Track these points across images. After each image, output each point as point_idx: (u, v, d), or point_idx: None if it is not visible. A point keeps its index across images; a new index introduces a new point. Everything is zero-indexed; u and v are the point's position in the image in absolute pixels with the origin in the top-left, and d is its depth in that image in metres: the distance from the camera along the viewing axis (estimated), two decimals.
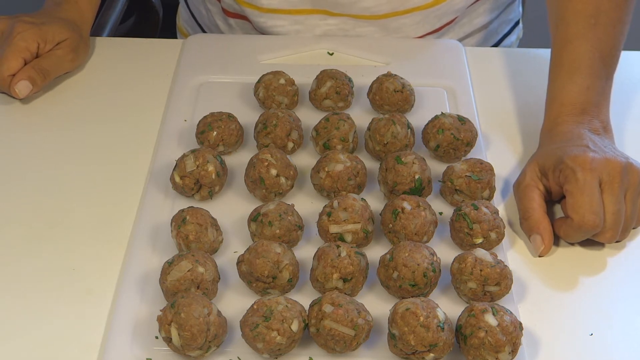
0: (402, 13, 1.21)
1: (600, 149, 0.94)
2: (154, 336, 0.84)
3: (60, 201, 0.99)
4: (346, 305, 0.81)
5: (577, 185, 0.91)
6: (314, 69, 1.12)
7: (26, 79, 1.10)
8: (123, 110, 1.12)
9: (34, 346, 0.84)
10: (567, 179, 0.92)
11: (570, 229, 0.91)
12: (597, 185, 0.91)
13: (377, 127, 1.01)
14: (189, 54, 1.21)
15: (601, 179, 0.91)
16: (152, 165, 1.03)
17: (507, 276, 0.86)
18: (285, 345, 0.80)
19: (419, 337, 0.79)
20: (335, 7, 1.20)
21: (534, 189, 0.94)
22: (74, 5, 1.20)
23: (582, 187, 0.91)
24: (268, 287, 0.86)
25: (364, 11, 1.20)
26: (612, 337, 0.86)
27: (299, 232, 0.92)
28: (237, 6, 1.25)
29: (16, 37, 1.11)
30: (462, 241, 0.92)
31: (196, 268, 0.84)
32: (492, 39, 1.35)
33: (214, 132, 1.01)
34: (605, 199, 0.91)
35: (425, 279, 0.85)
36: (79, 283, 0.90)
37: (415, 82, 1.11)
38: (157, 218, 0.95)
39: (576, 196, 0.91)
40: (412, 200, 0.91)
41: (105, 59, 1.21)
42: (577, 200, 0.90)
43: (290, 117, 1.03)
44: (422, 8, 1.21)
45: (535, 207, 0.93)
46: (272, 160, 0.95)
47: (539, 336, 0.85)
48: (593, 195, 0.90)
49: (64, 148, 1.06)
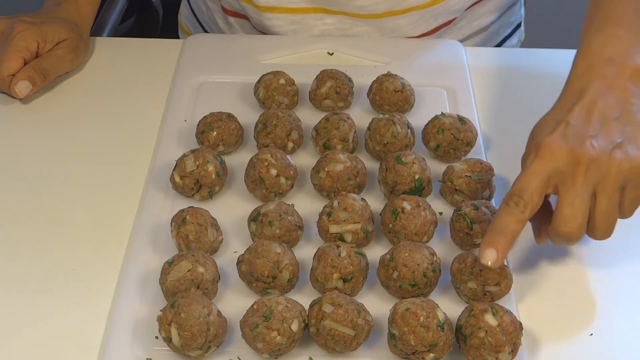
0: (399, 13, 1.21)
1: (579, 130, 0.84)
2: (154, 336, 0.84)
3: (60, 201, 0.99)
4: (346, 305, 0.81)
5: (523, 176, 0.83)
6: (314, 69, 1.12)
7: (26, 79, 1.10)
8: (123, 110, 1.12)
9: (34, 346, 0.84)
10: (523, 162, 0.86)
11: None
12: (544, 181, 0.82)
13: (377, 127, 1.01)
14: (189, 54, 1.21)
15: (559, 171, 0.82)
16: (152, 165, 1.03)
17: (507, 276, 0.86)
18: (285, 345, 0.80)
19: (419, 337, 0.79)
20: (332, 4, 1.20)
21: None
22: (74, 5, 1.20)
23: (525, 181, 0.82)
24: (268, 287, 0.86)
25: (360, 10, 1.20)
26: (612, 337, 0.86)
27: (299, 232, 0.92)
28: (237, 4, 1.25)
29: (16, 37, 1.11)
30: (462, 241, 0.92)
31: (196, 268, 0.84)
32: (493, 41, 1.35)
33: (214, 132, 1.01)
34: (560, 196, 0.83)
35: (425, 279, 0.85)
36: (79, 283, 0.90)
37: (415, 82, 1.11)
38: (157, 218, 0.95)
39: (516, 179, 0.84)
40: (412, 200, 0.91)
41: (105, 59, 1.21)
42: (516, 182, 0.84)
43: (290, 117, 1.03)
44: (418, 8, 1.21)
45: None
46: (272, 160, 0.95)
47: (539, 336, 0.85)
48: (535, 185, 0.82)
49: (64, 148, 1.07)
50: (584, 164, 0.82)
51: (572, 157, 0.82)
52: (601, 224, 0.84)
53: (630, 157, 0.82)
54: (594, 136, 0.83)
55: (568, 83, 0.89)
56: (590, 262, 0.93)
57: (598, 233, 0.84)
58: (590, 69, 0.88)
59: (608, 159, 0.82)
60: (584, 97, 0.86)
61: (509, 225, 0.82)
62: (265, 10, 1.22)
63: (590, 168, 0.82)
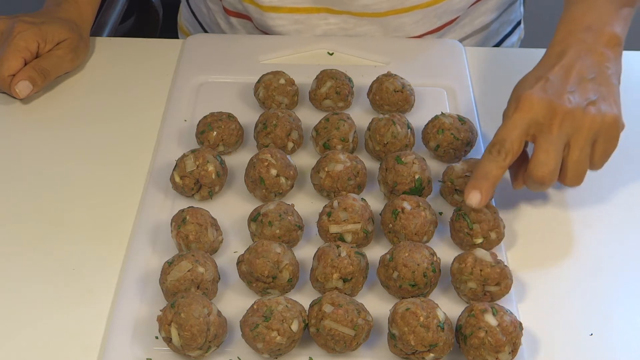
0: (402, 11, 1.21)
1: (557, 86, 0.91)
2: (154, 336, 0.84)
3: (60, 201, 0.99)
4: (346, 305, 0.81)
5: (505, 126, 0.90)
6: (314, 69, 1.12)
7: (26, 79, 1.10)
8: (123, 110, 1.12)
9: (34, 346, 0.84)
10: (504, 114, 0.92)
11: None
12: (524, 130, 0.89)
13: (377, 127, 1.01)
14: (189, 54, 1.21)
15: (537, 121, 0.89)
16: (152, 165, 1.03)
17: (507, 276, 0.86)
18: (285, 345, 0.80)
19: (419, 337, 0.79)
20: (336, 3, 1.20)
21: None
22: (74, 5, 1.20)
23: (507, 130, 0.89)
24: (268, 287, 0.86)
25: (364, 8, 1.20)
26: (612, 337, 0.86)
27: (299, 232, 0.92)
28: (239, 4, 1.25)
29: (16, 37, 1.11)
30: (462, 241, 0.92)
31: (196, 268, 0.84)
32: (493, 39, 1.35)
33: (214, 132, 1.01)
34: (536, 144, 0.89)
35: (425, 279, 0.85)
36: (79, 283, 0.90)
37: (415, 82, 1.11)
38: (157, 218, 0.95)
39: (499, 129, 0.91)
40: (412, 200, 0.91)
41: (105, 59, 1.21)
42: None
43: (290, 117, 1.03)
44: (422, 6, 1.21)
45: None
46: (272, 160, 0.95)
47: (539, 336, 0.85)
48: (515, 135, 0.89)
49: (64, 148, 1.07)
50: (560, 116, 0.89)
51: (550, 109, 0.89)
52: (572, 172, 0.90)
53: (602, 113, 0.90)
54: (571, 92, 0.90)
55: (550, 47, 0.97)
56: (591, 261, 0.93)
57: (568, 179, 0.91)
58: (570, 34, 0.96)
59: (582, 113, 0.89)
60: (563, 59, 0.93)
61: (491, 170, 0.89)
62: (268, 10, 1.22)
63: (566, 120, 0.89)
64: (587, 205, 0.99)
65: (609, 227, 0.97)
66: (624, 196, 1.00)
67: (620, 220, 0.98)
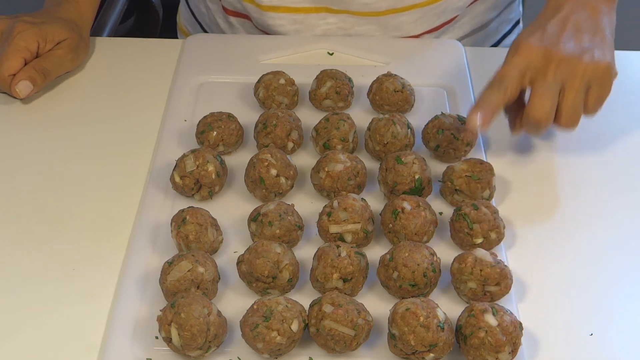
0: (401, 10, 1.22)
1: (554, 35, 0.96)
2: (154, 336, 0.84)
3: (60, 201, 0.99)
4: (346, 305, 0.81)
5: (504, 67, 0.95)
6: (314, 69, 1.12)
7: (27, 79, 1.10)
8: (123, 110, 1.12)
9: (34, 346, 0.84)
10: (505, 59, 0.97)
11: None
12: (521, 72, 0.94)
13: (377, 127, 1.01)
14: (189, 54, 1.21)
15: (533, 66, 0.95)
16: (152, 165, 1.03)
17: (507, 276, 0.86)
18: (285, 345, 0.80)
19: (419, 337, 0.79)
20: (335, 3, 1.20)
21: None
22: (74, 5, 1.20)
23: (506, 69, 0.95)
24: (268, 287, 0.86)
25: (364, 7, 1.20)
26: (612, 337, 0.86)
27: (299, 232, 0.92)
28: (238, 4, 1.25)
29: (16, 37, 1.11)
30: (462, 241, 0.92)
31: (196, 268, 0.84)
32: (493, 38, 1.35)
33: (214, 132, 1.01)
34: (532, 89, 0.95)
35: (425, 279, 0.85)
36: (79, 283, 0.90)
37: (415, 82, 1.11)
38: (157, 218, 0.95)
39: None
40: (412, 200, 0.91)
41: (105, 59, 1.21)
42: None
43: (290, 117, 1.03)
44: (421, 5, 1.22)
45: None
46: (272, 160, 0.95)
47: (539, 336, 0.85)
48: (513, 74, 0.94)
49: (64, 148, 1.07)
50: (556, 62, 0.94)
51: (546, 55, 0.95)
52: (567, 115, 0.95)
53: (596, 60, 0.95)
54: (566, 41, 0.96)
55: (547, 2, 1.02)
56: (590, 259, 0.93)
57: (563, 122, 0.96)
58: None
59: (577, 60, 0.94)
60: (560, 12, 0.99)
61: (491, 99, 0.95)
62: (267, 10, 1.22)
63: (561, 65, 0.94)
64: (588, 207, 0.99)
65: (610, 227, 0.97)
66: (625, 200, 1.00)
67: (620, 221, 0.98)
